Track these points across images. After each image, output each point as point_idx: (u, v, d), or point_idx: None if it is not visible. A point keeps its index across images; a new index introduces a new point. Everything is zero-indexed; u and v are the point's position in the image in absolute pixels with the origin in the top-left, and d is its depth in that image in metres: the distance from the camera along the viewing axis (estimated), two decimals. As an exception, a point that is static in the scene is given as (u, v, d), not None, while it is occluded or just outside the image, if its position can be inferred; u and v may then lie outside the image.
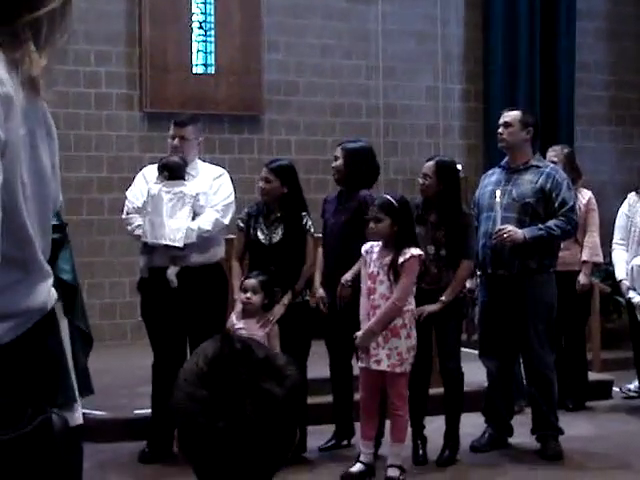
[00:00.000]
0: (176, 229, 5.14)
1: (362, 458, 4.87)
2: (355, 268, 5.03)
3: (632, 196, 6.61)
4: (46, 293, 1.55)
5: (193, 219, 5.21)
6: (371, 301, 4.80)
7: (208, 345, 1.38)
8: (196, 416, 1.32)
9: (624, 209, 6.56)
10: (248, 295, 4.91)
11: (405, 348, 4.76)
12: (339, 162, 5.31)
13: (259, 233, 5.19)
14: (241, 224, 5.27)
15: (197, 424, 1.32)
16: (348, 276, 5.07)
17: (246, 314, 4.98)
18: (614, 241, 6.52)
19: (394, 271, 4.72)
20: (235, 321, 5.01)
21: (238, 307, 5.04)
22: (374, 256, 4.83)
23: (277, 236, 5.16)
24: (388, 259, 4.75)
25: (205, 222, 5.25)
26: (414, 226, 4.92)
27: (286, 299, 5.07)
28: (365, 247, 4.87)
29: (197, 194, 5.23)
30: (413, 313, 4.84)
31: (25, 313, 1.50)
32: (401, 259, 4.71)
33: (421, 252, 4.80)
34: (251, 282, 4.93)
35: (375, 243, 4.85)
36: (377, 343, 4.75)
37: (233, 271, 5.23)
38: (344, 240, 5.09)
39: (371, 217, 4.77)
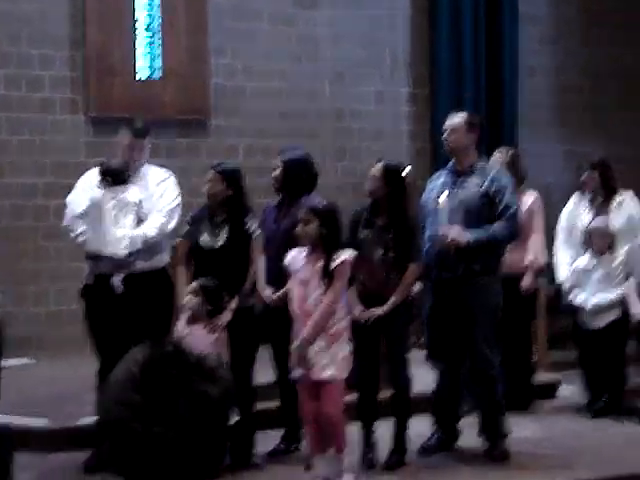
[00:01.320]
0: (120, 238, 5.09)
1: (321, 472, 4.76)
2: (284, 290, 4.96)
3: (576, 195, 6.70)
4: None
5: (138, 225, 5.17)
6: (305, 306, 4.71)
7: (138, 351, 1.36)
8: (130, 422, 1.29)
9: (568, 208, 6.65)
10: (188, 297, 4.90)
11: (345, 354, 4.70)
12: (278, 172, 5.32)
13: (203, 238, 5.14)
14: (187, 227, 5.23)
15: (131, 431, 1.30)
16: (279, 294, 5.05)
17: (192, 321, 4.93)
18: (557, 242, 6.60)
19: (327, 276, 4.66)
20: (181, 328, 4.95)
21: (185, 314, 4.99)
22: (302, 262, 4.77)
23: (221, 240, 5.12)
24: (319, 264, 4.70)
25: (150, 228, 5.20)
26: (341, 233, 4.88)
27: (233, 304, 5.04)
28: (290, 255, 4.81)
29: (140, 201, 5.18)
30: (354, 317, 4.80)
31: None
32: (334, 264, 4.66)
33: (352, 255, 4.74)
34: (192, 285, 4.92)
35: (299, 250, 4.79)
36: (319, 349, 4.65)
37: (179, 276, 5.17)
38: (285, 248, 5.02)
39: (300, 219, 4.75)
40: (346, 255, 4.70)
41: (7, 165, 7.87)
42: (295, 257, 4.78)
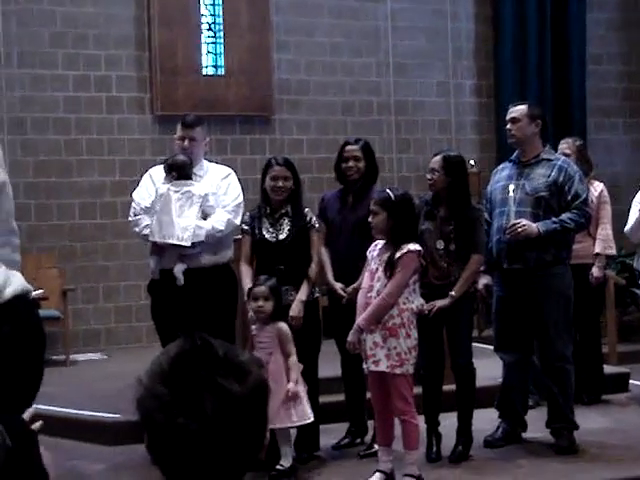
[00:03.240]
0: (184, 228, 5.16)
1: (380, 466, 4.75)
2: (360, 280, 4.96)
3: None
4: None
5: (204, 219, 5.23)
6: (367, 298, 4.69)
7: (173, 344, 1.39)
8: (155, 413, 1.32)
9: (638, 199, 6.52)
10: (260, 303, 4.81)
11: (405, 348, 4.62)
12: (361, 163, 5.34)
13: (265, 232, 5.16)
14: (245, 227, 5.23)
15: (156, 421, 1.32)
16: (350, 288, 5.08)
17: (259, 322, 4.93)
18: (627, 227, 6.47)
19: (390, 267, 4.63)
20: (253, 328, 4.96)
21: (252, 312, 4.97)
22: (375, 253, 4.77)
23: (284, 233, 5.14)
24: (386, 255, 4.68)
25: (218, 222, 5.26)
26: (415, 222, 4.87)
27: (303, 295, 5.05)
28: (371, 247, 4.80)
29: (206, 194, 5.25)
30: (413, 311, 4.72)
31: None
32: (398, 254, 4.61)
33: (419, 248, 4.70)
34: (261, 289, 4.82)
35: (380, 242, 4.78)
36: (375, 343, 4.61)
37: (243, 274, 5.16)
38: (359, 238, 5.00)
39: (370, 211, 4.72)
40: (411, 246, 4.68)
41: (76, 164, 8.05)
42: (373, 248, 4.78)
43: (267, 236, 5.14)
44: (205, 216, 5.26)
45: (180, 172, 5.24)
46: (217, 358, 1.34)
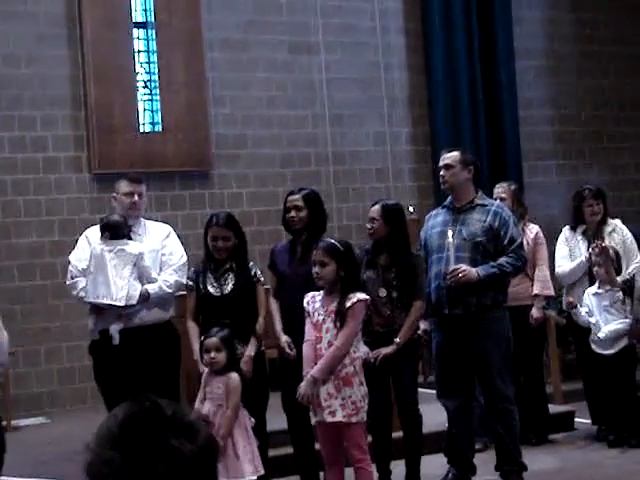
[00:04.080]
0: (119, 287, 5.14)
1: None
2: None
3: (566, 230, 6.72)
4: None
5: (139, 279, 5.21)
6: (317, 350, 4.68)
7: (120, 407, 1.38)
8: (107, 478, 1.31)
9: (562, 242, 6.67)
10: (212, 355, 4.78)
11: (360, 396, 4.63)
12: (303, 212, 5.26)
13: (209, 287, 5.16)
14: (190, 283, 5.23)
15: None
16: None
17: (211, 373, 4.88)
18: (558, 266, 6.61)
19: (340, 317, 4.64)
20: (204, 377, 4.90)
21: (204, 367, 4.92)
22: (317, 305, 4.74)
23: (228, 287, 5.14)
24: (333, 306, 4.67)
25: (166, 284, 5.28)
26: (359, 271, 4.92)
27: (251, 350, 5.02)
28: (306, 298, 4.78)
29: (140, 253, 5.23)
30: (361, 359, 4.75)
31: None
32: (348, 303, 4.63)
33: (367, 296, 4.74)
34: (212, 341, 4.79)
35: (317, 293, 4.77)
36: (329, 394, 4.60)
37: (191, 332, 5.14)
38: (302, 291, 4.94)
39: (316, 261, 4.69)
40: (360, 295, 4.69)
41: (13, 226, 7.95)
42: (312, 300, 4.76)
43: (212, 291, 5.13)
44: (139, 276, 5.23)
45: (113, 232, 5.24)
46: (166, 419, 1.34)
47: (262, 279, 5.21)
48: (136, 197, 5.37)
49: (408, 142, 9.42)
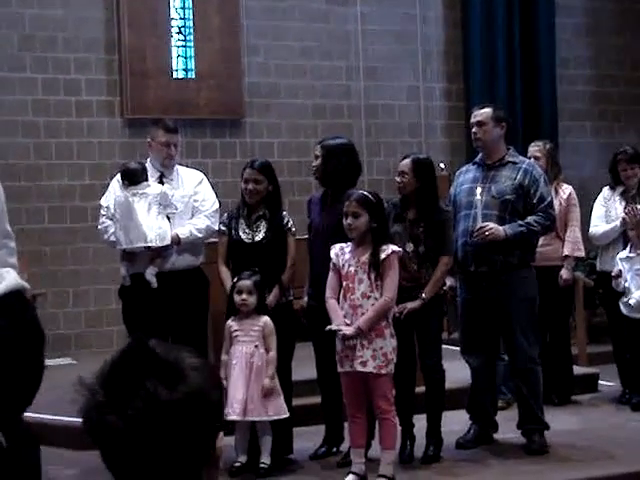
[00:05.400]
0: (148, 228, 5.17)
1: (353, 468, 4.77)
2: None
3: (605, 190, 6.65)
4: None
5: (169, 218, 5.24)
6: (350, 301, 4.69)
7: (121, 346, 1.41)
8: (90, 411, 1.35)
9: (599, 201, 6.61)
10: (244, 297, 4.90)
11: (390, 348, 4.67)
12: (319, 161, 5.27)
13: (241, 233, 5.17)
14: (223, 227, 5.25)
15: (90, 420, 1.35)
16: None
17: (241, 316, 4.97)
18: (592, 226, 6.55)
19: (375, 268, 4.65)
20: (231, 323, 5.00)
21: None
22: (347, 256, 4.74)
23: (260, 234, 5.14)
24: (365, 257, 4.67)
25: (197, 228, 5.30)
26: (388, 223, 4.91)
27: (273, 298, 5.05)
28: (334, 250, 4.77)
29: (163, 192, 5.24)
30: (393, 312, 4.80)
31: None
32: (382, 255, 4.64)
33: (399, 249, 4.75)
34: (246, 283, 4.91)
35: (344, 244, 4.77)
36: (362, 344, 4.62)
37: (223, 275, 5.17)
38: (332, 242, 4.94)
39: (349, 212, 4.69)
40: (393, 247, 4.70)
41: (45, 168, 7.99)
42: (340, 252, 4.76)
43: (243, 237, 5.15)
44: (167, 216, 5.26)
45: (132, 179, 5.24)
46: (152, 362, 1.35)
47: (293, 229, 5.20)
48: (172, 148, 5.37)
49: (442, 98, 9.33)
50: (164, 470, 1.35)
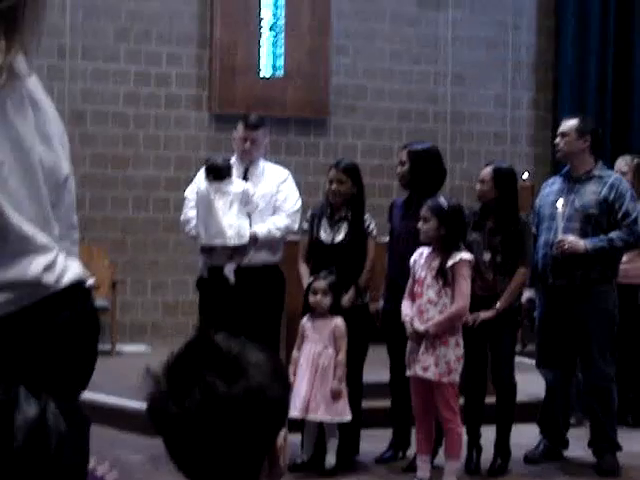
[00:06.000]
0: (229, 227, 5.21)
1: (418, 474, 4.79)
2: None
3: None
4: (38, 267, 1.58)
5: (249, 216, 5.28)
6: (417, 306, 4.74)
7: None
8: (153, 400, 1.37)
9: None
10: (318, 297, 4.93)
11: (454, 357, 4.67)
12: (405, 166, 5.25)
13: (322, 233, 5.19)
14: (306, 226, 5.28)
15: (153, 408, 1.37)
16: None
17: (314, 315, 5.00)
18: None
19: (442, 274, 4.66)
20: (305, 321, 5.04)
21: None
22: (422, 261, 4.78)
23: (340, 236, 5.15)
24: (436, 263, 4.71)
25: (277, 228, 5.33)
26: (465, 233, 4.88)
27: (347, 300, 5.06)
28: (415, 255, 4.83)
29: (245, 190, 5.27)
30: (466, 320, 4.79)
31: (10, 286, 1.54)
32: (450, 262, 4.67)
33: (471, 256, 4.74)
34: (321, 284, 4.94)
35: (425, 249, 4.81)
36: (425, 350, 4.65)
37: (302, 273, 5.21)
38: (412, 247, 4.94)
39: (421, 217, 4.75)
40: (464, 255, 4.69)
41: (132, 158, 8.15)
42: (419, 256, 4.81)
43: (323, 237, 5.17)
44: (248, 214, 5.30)
45: (217, 174, 5.28)
46: (215, 355, 1.37)
47: (374, 232, 5.20)
48: (248, 144, 5.37)
49: (530, 107, 9.22)
50: (222, 462, 1.36)
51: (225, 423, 1.34)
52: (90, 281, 1.76)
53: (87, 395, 1.77)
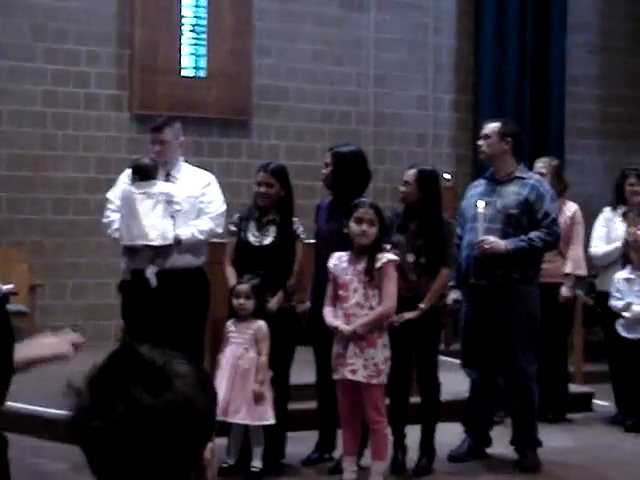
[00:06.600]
0: (151, 227, 5.16)
1: (345, 476, 4.79)
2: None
3: (607, 210, 6.65)
4: None
5: (173, 218, 5.22)
6: (344, 309, 4.72)
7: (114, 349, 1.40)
8: (76, 415, 1.33)
9: (600, 222, 6.61)
10: (241, 301, 4.90)
11: (382, 358, 4.68)
12: (330, 168, 5.25)
13: (249, 235, 5.15)
14: (233, 228, 5.23)
15: (76, 423, 1.34)
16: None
17: (238, 318, 4.97)
18: (593, 246, 6.57)
19: (370, 276, 4.66)
20: (229, 323, 5.00)
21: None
22: (344, 265, 4.75)
23: (268, 238, 5.12)
24: (361, 265, 4.69)
25: (200, 231, 5.28)
26: (390, 233, 4.92)
27: (275, 303, 5.04)
28: (332, 260, 4.79)
29: (168, 192, 5.23)
30: (389, 323, 4.80)
31: None
32: (378, 264, 4.66)
33: (396, 257, 4.77)
34: (244, 287, 4.91)
35: (343, 254, 4.77)
36: (353, 352, 4.64)
37: (229, 275, 5.15)
38: (337, 249, 4.92)
39: (365, 219, 4.69)
40: (390, 256, 4.70)
41: (51, 159, 7.99)
42: (338, 261, 4.77)
43: (251, 239, 5.13)
44: (172, 216, 5.24)
45: (143, 175, 5.24)
46: (139, 367, 1.33)
47: (303, 235, 5.19)
48: (157, 146, 5.34)
49: (451, 109, 9.33)
50: (148, 476, 1.33)
51: (151, 436, 1.30)
52: (7, 287, 1.71)
53: (5, 403, 1.72)
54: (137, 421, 1.30)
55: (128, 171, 5.45)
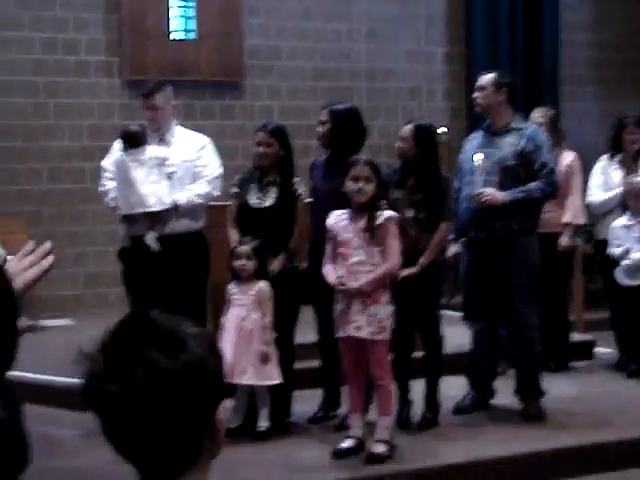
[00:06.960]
0: (149, 194, 5.14)
1: (351, 432, 4.80)
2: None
3: (604, 158, 6.64)
4: None
5: (169, 178, 5.21)
6: (346, 267, 4.67)
7: (124, 315, 1.40)
8: (90, 381, 1.34)
9: (597, 170, 6.60)
10: (242, 262, 4.91)
11: (385, 315, 4.67)
12: (326, 126, 5.22)
13: (250, 197, 5.14)
14: (235, 189, 5.21)
15: (91, 389, 1.34)
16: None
17: (240, 280, 4.98)
18: (590, 195, 6.57)
19: (371, 233, 4.63)
20: (231, 286, 5.01)
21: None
22: (344, 223, 4.71)
23: (270, 200, 5.11)
24: (362, 223, 4.67)
25: (197, 195, 5.27)
26: (388, 189, 4.91)
27: (277, 264, 5.04)
28: (331, 219, 4.74)
29: (162, 155, 5.21)
30: (393, 279, 4.80)
31: None
32: (378, 221, 4.63)
33: (396, 214, 4.74)
34: (244, 249, 4.93)
35: (342, 212, 4.73)
36: (357, 309, 4.64)
37: (232, 237, 5.14)
38: (333, 207, 4.89)
39: (361, 176, 4.65)
40: (390, 213, 4.68)
41: (44, 129, 7.94)
42: (337, 219, 4.75)
43: (252, 202, 5.11)
44: (167, 177, 5.23)
45: (132, 141, 5.21)
46: (153, 331, 1.34)
47: (303, 196, 5.17)
48: (150, 112, 5.31)
49: (443, 61, 9.26)
50: (164, 440, 1.34)
51: (169, 398, 1.32)
52: (5, 258, 1.70)
53: (13, 373, 1.72)
54: (155, 384, 1.31)
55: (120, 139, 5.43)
